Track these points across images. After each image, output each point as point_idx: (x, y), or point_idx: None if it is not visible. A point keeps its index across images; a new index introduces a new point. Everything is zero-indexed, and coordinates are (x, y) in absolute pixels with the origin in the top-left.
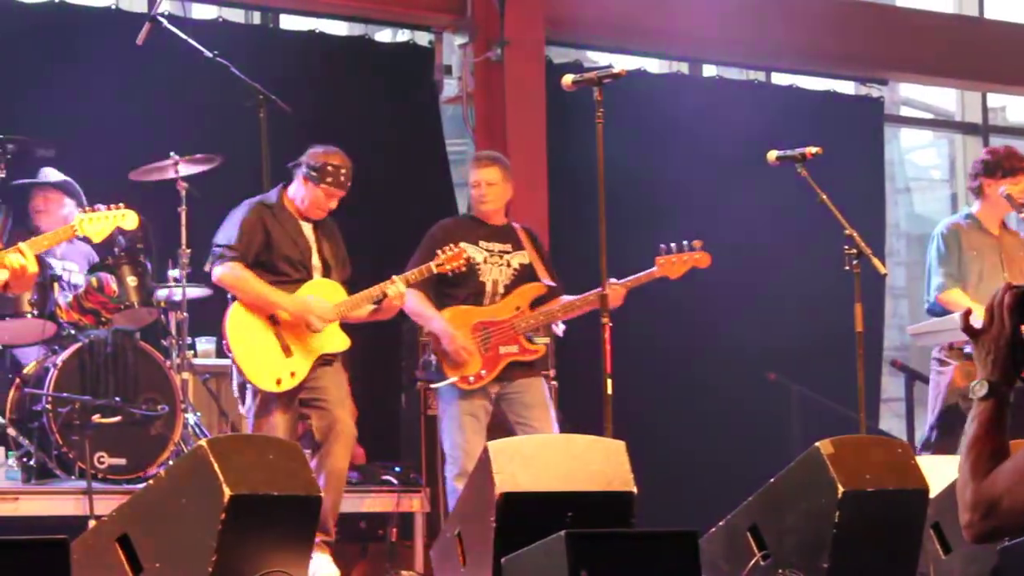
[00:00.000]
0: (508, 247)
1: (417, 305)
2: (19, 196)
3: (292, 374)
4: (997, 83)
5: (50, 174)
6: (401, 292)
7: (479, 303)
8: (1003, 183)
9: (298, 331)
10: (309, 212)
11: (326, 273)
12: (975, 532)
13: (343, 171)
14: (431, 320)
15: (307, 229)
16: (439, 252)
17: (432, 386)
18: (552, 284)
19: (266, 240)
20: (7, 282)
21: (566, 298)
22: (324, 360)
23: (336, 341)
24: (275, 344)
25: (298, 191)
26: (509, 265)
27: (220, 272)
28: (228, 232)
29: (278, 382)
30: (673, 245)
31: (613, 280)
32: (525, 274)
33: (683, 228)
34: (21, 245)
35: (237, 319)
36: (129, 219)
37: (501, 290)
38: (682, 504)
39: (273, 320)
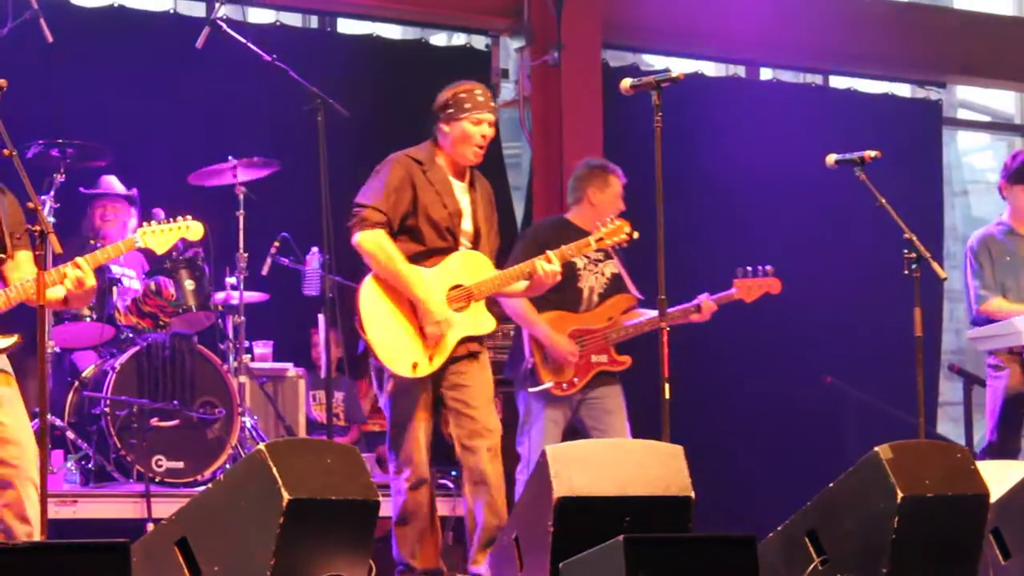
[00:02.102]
0: (601, 255)
1: (521, 309)
2: (81, 203)
3: (431, 358)
4: None
5: (114, 183)
6: (556, 271)
7: (574, 310)
8: (1015, 189)
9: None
10: (465, 156)
11: (476, 242)
12: None
13: (478, 91)
14: (535, 325)
15: (459, 189)
16: (599, 225)
17: (530, 390)
18: (639, 296)
19: (413, 201)
20: (66, 297)
21: (645, 310)
22: (469, 350)
23: (481, 322)
24: (413, 323)
25: (445, 140)
26: (603, 274)
27: (360, 237)
28: (374, 190)
29: (414, 366)
30: (749, 268)
31: (708, 295)
32: (616, 283)
33: (741, 233)
34: (79, 259)
35: (372, 295)
36: (194, 230)
37: (596, 299)
38: (740, 509)
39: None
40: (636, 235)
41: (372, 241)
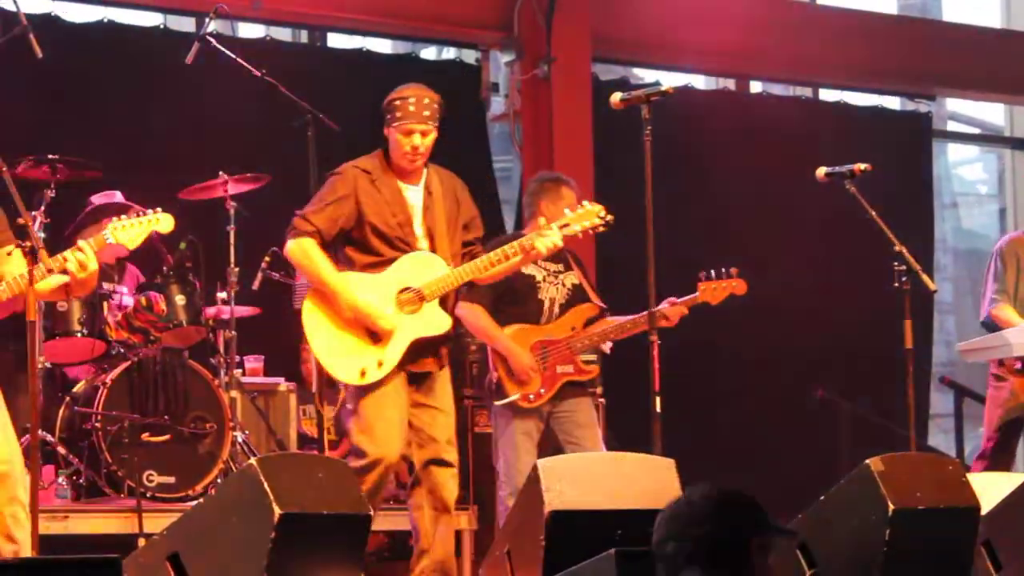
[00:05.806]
0: (561, 267)
1: (482, 322)
2: (73, 217)
3: (379, 363)
4: None
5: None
6: (557, 244)
7: (536, 322)
8: None
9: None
10: (398, 163)
11: (432, 243)
12: None
13: (412, 100)
14: (497, 339)
15: (411, 194)
16: (567, 211)
17: (496, 404)
18: (602, 305)
19: (357, 211)
20: (68, 285)
21: (615, 318)
22: (428, 368)
23: (434, 322)
24: (358, 329)
25: (390, 148)
26: (564, 285)
27: (288, 246)
28: (312, 201)
29: (362, 373)
30: (712, 271)
31: (674, 299)
32: (578, 294)
33: (732, 246)
34: (81, 242)
35: (312, 305)
36: (164, 222)
37: (557, 310)
38: None
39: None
40: (610, 218)
41: (298, 250)
